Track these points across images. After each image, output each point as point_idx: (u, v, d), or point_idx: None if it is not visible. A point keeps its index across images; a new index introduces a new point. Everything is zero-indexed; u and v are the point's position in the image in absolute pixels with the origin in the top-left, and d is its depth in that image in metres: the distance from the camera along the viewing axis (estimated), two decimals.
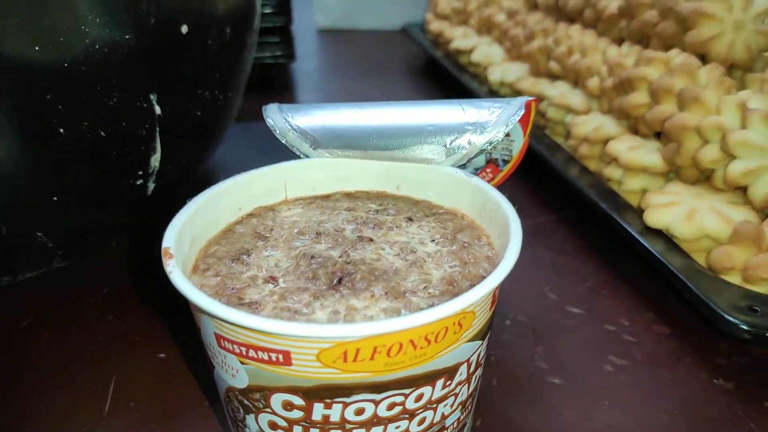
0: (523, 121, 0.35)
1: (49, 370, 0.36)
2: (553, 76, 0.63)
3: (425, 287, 0.25)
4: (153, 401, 0.34)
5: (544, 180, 0.55)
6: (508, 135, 0.37)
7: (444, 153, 0.32)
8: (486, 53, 0.74)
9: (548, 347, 0.38)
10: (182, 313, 0.37)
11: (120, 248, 0.47)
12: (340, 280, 0.26)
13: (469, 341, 0.24)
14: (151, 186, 0.41)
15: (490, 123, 0.32)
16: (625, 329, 0.40)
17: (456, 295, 0.24)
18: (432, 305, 0.23)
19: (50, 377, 0.36)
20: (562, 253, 0.48)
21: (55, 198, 0.36)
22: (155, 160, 0.40)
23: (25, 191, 0.36)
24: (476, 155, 0.32)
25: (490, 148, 0.32)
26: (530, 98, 0.33)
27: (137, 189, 0.40)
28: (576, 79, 0.59)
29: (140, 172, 0.40)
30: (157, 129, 0.39)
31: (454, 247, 0.28)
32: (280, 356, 0.22)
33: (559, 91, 0.58)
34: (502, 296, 0.42)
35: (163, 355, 0.37)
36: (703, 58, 0.50)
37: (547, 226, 0.51)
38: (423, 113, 0.33)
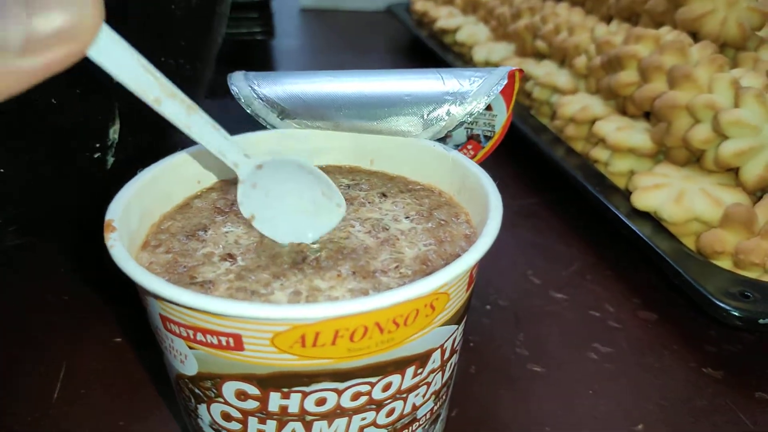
0: (506, 92, 0.32)
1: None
2: (539, 56, 0.61)
3: (397, 266, 0.23)
4: (105, 388, 0.32)
5: (529, 161, 0.53)
6: (490, 109, 0.35)
7: (421, 125, 0.30)
8: (471, 33, 0.72)
9: (530, 333, 0.36)
10: (145, 312, 0.35)
11: (80, 228, 0.44)
12: (304, 259, 0.23)
13: (442, 325, 0.22)
14: (110, 160, 0.38)
15: (470, 93, 0.30)
16: (610, 315, 0.38)
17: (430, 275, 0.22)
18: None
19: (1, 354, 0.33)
20: (546, 236, 0.46)
21: (2, 170, 0.33)
22: (114, 132, 0.37)
23: None
24: (455, 128, 0.30)
25: (470, 120, 0.30)
26: (514, 68, 0.31)
27: (95, 163, 0.37)
28: (563, 58, 0.57)
29: (98, 145, 0.37)
30: (115, 97, 0.36)
31: (430, 225, 0.26)
32: (231, 340, 0.20)
33: (546, 71, 0.56)
34: (482, 279, 0.40)
35: (119, 339, 0.35)
36: (695, 36, 0.48)
37: (531, 209, 0.49)
38: (399, 83, 0.31)
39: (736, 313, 0.31)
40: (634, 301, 0.39)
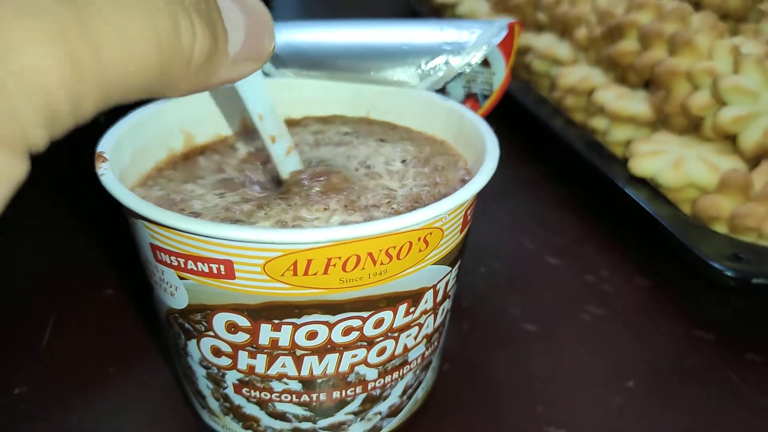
0: (505, 47, 0.32)
1: None
2: (539, 29, 0.61)
3: (389, 202, 0.23)
4: (94, 338, 0.32)
5: (526, 132, 0.53)
6: (488, 65, 0.34)
7: (419, 75, 0.30)
8: (472, 7, 0.72)
9: (524, 295, 0.36)
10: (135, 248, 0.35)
11: (73, 181, 0.44)
12: (291, 189, 0.23)
13: (435, 263, 0.22)
14: (101, 119, 0.38)
15: (469, 43, 0.29)
16: (604, 280, 0.38)
17: None
18: None
19: None
20: (542, 205, 0.46)
21: None
22: None
23: None
24: (453, 78, 0.30)
25: (468, 71, 0.30)
26: (513, 20, 0.31)
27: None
28: (563, 30, 0.56)
29: None
30: None
31: (426, 170, 0.26)
32: (222, 267, 0.19)
33: (546, 43, 0.56)
34: (475, 244, 0.40)
35: (110, 291, 0.35)
36: (696, 7, 0.47)
37: (529, 179, 0.49)
38: (397, 32, 0.31)
39: (730, 273, 0.31)
40: (630, 268, 0.39)
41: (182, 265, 0.20)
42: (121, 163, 0.23)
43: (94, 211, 0.41)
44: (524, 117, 0.51)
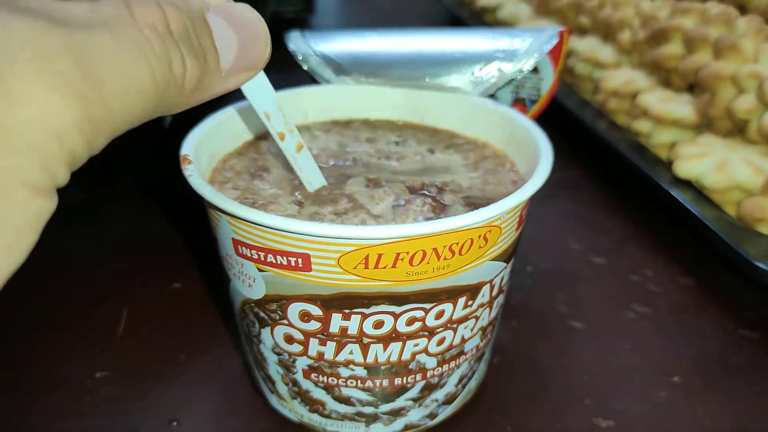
0: (555, 53, 0.33)
1: (64, 297, 0.36)
2: (582, 32, 0.62)
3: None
4: (166, 328, 0.34)
5: (570, 135, 0.54)
6: (537, 72, 0.36)
7: (471, 82, 0.31)
8: (513, 11, 0.73)
9: (570, 294, 0.37)
10: (198, 245, 0.37)
11: (137, 185, 0.46)
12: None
13: (493, 260, 0.23)
14: (168, 119, 0.40)
15: (520, 51, 0.31)
16: (649, 280, 0.39)
17: None
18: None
19: (64, 303, 0.36)
20: (587, 207, 0.46)
21: None
22: None
23: None
24: (505, 85, 0.31)
25: (520, 77, 0.31)
26: (563, 28, 0.32)
27: (153, 121, 0.39)
28: (606, 33, 0.57)
29: None
30: None
31: (477, 174, 0.27)
32: (300, 260, 0.21)
33: (589, 46, 0.57)
34: (523, 244, 0.41)
35: (178, 285, 0.37)
36: (742, 10, 0.48)
37: (573, 181, 0.50)
38: (451, 41, 0.32)
39: None
40: (674, 268, 0.40)
41: (262, 258, 0.22)
42: (201, 165, 0.26)
43: (156, 213, 0.43)
44: (567, 120, 0.52)
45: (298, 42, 0.33)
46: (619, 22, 0.54)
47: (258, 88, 0.23)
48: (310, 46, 0.33)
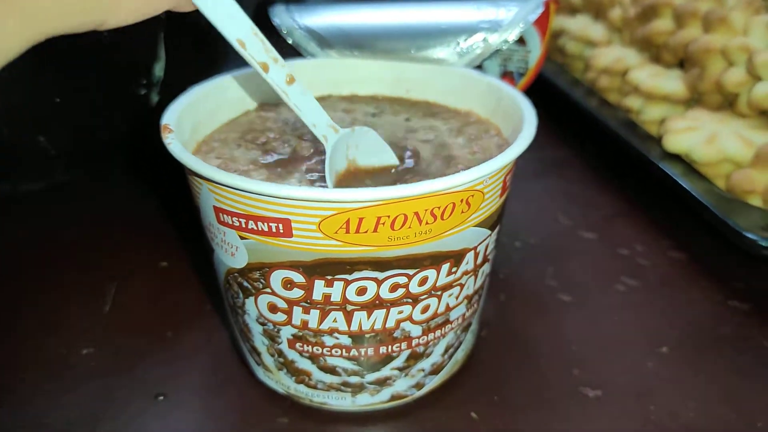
0: (541, 23, 0.33)
1: (51, 274, 0.36)
2: (573, 11, 0.61)
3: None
4: (153, 305, 0.34)
5: (560, 114, 0.54)
6: (524, 43, 0.35)
7: (457, 53, 0.31)
8: None
9: (559, 268, 0.37)
10: (186, 224, 0.36)
11: (125, 166, 0.46)
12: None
13: (476, 226, 0.23)
14: (155, 98, 0.40)
15: (506, 21, 0.31)
16: (639, 254, 0.39)
17: None
18: None
19: (51, 280, 0.35)
20: (577, 184, 0.46)
21: (57, 99, 0.35)
22: (159, 69, 0.39)
23: (27, 92, 0.35)
24: (491, 56, 0.31)
25: (505, 48, 0.31)
26: None
27: (141, 99, 0.39)
28: (597, 11, 0.57)
29: (144, 81, 0.39)
30: (162, 35, 0.37)
31: (460, 140, 0.27)
32: (281, 226, 0.21)
33: (579, 25, 0.56)
34: (511, 220, 0.41)
35: (165, 263, 0.37)
36: None
37: (563, 159, 0.50)
38: (436, 12, 0.32)
39: (764, 243, 0.32)
40: (664, 242, 0.40)
41: (243, 225, 0.22)
42: (182, 135, 0.25)
43: (143, 193, 0.43)
44: (559, 98, 0.52)
45: (282, 15, 0.33)
46: (610, 0, 0.54)
47: (224, 12, 0.20)
48: (294, 20, 0.33)
